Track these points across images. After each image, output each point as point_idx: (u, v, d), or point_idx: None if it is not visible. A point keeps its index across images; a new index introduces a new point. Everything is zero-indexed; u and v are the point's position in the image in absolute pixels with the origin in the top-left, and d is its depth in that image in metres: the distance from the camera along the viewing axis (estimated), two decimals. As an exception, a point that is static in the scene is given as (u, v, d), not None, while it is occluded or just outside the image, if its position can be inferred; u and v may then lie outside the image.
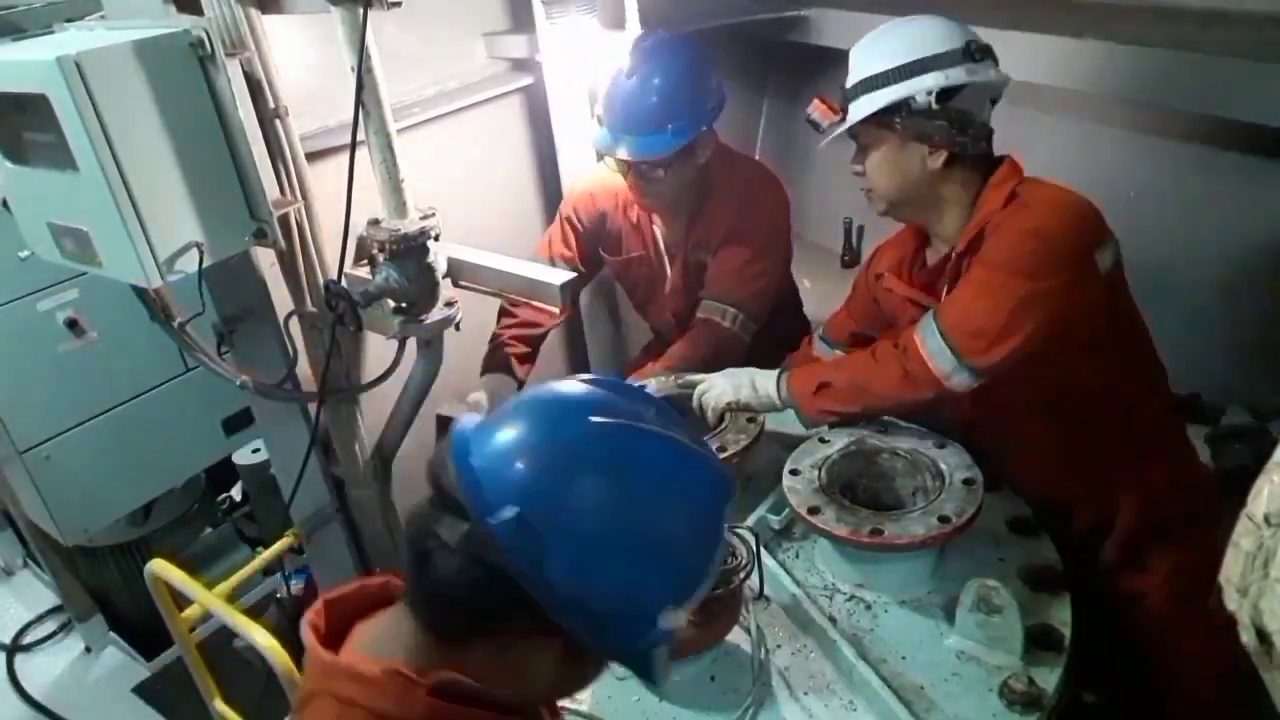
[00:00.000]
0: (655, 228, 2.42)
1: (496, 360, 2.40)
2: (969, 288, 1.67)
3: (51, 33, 1.88)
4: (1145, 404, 1.81)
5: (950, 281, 1.78)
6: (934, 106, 1.65)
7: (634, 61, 2.14)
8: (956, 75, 1.65)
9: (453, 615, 0.92)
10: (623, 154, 2.16)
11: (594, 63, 2.39)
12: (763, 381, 1.91)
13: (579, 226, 2.46)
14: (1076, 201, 1.67)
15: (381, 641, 0.97)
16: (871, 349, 1.81)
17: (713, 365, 2.13)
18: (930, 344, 1.66)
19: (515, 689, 0.96)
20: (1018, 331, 1.60)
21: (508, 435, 0.91)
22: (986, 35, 1.75)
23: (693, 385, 2.04)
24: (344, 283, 1.86)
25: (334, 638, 0.99)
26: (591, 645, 0.92)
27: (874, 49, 1.73)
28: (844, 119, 1.75)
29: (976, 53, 1.67)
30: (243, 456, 3.43)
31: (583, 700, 1.52)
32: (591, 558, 0.87)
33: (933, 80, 1.65)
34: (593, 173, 2.50)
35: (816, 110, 1.80)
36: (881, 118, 1.69)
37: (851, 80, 1.74)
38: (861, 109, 1.70)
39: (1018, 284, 1.60)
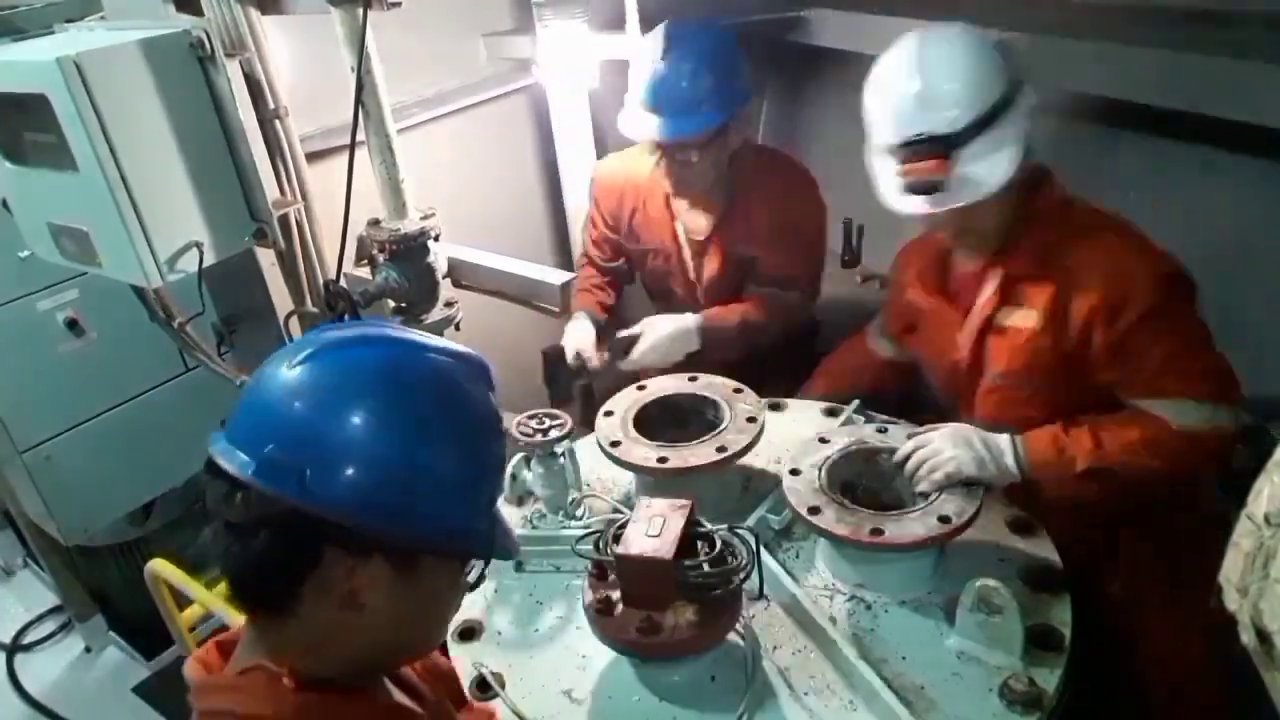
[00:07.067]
0: (677, 223, 2.40)
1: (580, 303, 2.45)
2: (1166, 343, 1.60)
3: (51, 33, 1.88)
4: None
5: (1000, 300, 1.72)
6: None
7: (665, 45, 2.14)
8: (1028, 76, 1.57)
9: (267, 582, 0.93)
10: (657, 135, 2.16)
11: (589, 64, 2.39)
12: (1008, 462, 1.66)
13: (601, 209, 2.47)
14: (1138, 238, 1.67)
15: (243, 651, 0.97)
16: (1116, 426, 1.66)
17: (778, 340, 2.31)
18: (1192, 416, 1.62)
19: (368, 637, 0.95)
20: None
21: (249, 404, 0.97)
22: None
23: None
24: (344, 283, 1.87)
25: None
26: (406, 539, 0.92)
27: (952, 74, 1.53)
28: (943, 166, 1.55)
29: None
30: (243, 456, 3.43)
31: (583, 700, 1.52)
32: (359, 453, 0.89)
33: (1031, 93, 1.56)
34: (616, 159, 2.49)
35: (914, 171, 1.54)
36: None
37: (933, 121, 1.54)
38: (1006, 158, 1.54)
39: (1188, 310, 1.63)
